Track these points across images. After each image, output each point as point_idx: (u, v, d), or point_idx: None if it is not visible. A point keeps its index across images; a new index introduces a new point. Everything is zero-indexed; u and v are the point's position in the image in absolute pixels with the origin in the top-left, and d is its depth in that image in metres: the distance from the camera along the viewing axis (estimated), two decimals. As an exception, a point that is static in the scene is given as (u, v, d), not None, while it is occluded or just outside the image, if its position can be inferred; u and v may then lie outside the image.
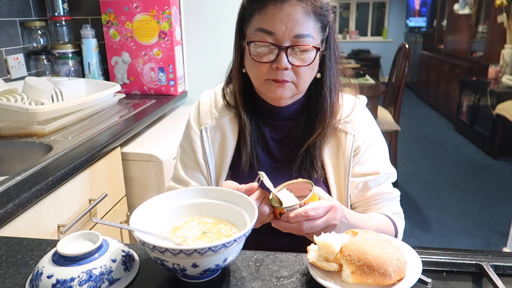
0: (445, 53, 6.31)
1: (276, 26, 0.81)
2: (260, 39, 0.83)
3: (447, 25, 6.47)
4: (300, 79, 0.86)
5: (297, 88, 0.88)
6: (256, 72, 0.87)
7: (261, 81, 0.88)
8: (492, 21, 4.66)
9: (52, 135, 1.38)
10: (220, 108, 0.99)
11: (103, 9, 2.00)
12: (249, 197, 0.71)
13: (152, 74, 2.05)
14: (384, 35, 8.88)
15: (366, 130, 0.96)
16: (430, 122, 5.73)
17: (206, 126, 0.99)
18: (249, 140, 0.95)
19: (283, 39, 0.82)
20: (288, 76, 0.85)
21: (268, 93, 0.88)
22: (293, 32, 0.81)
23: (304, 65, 0.84)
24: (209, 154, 0.98)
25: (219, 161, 0.98)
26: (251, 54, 0.85)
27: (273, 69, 0.84)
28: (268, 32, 0.82)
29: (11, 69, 1.82)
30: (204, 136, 0.98)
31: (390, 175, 0.98)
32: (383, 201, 0.97)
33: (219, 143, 0.98)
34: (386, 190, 0.97)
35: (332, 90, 0.92)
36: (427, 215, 3.06)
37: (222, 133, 0.98)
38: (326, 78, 0.91)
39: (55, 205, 1.12)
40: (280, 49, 0.82)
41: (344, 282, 0.62)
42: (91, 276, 0.61)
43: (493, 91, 4.15)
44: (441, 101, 6.04)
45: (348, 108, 0.96)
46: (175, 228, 0.72)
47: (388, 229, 0.93)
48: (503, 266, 0.68)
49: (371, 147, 0.96)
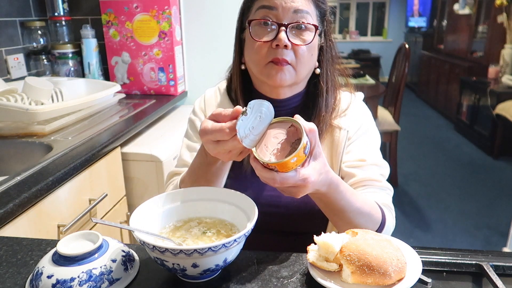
0: (445, 53, 6.31)
1: (276, 1, 0.84)
2: (262, 16, 0.85)
3: (447, 25, 6.47)
4: (299, 60, 0.86)
5: (296, 72, 0.87)
6: (257, 56, 0.87)
7: (262, 67, 0.87)
8: (492, 21, 4.66)
9: (52, 135, 1.38)
10: (224, 106, 0.99)
11: (103, 9, 2.00)
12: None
13: (152, 74, 2.05)
14: (384, 35, 8.88)
15: (359, 122, 0.95)
16: (430, 122, 5.73)
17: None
18: None
19: (283, 15, 0.84)
20: (288, 55, 0.85)
21: (268, 79, 0.87)
22: (293, 7, 0.83)
23: (303, 44, 0.85)
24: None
25: None
26: (252, 34, 0.86)
27: (273, 48, 0.85)
28: (268, 7, 0.84)
29: (11, 69, 1.82)
30: None
31: (378, 166, 0.92)
32: (372, 188, 0.89)
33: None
34: (374, 177, 0.90)
35: (329, 86, 0.93)
36: (427, 215, 3.07)
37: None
38: (323, 73, 0.93)
39: (55, 205, 1.12)
40: (280, 26, 0.84)
41: (344, 282, 0.62)
42: (91, 276, 0.61)
43: (493, 91, 4.15)
44: (441, 101, 6.04)
45: (344, 105, 0.97)
46: (175, 228, 0.72)
47: (373, 212, 0.82)
48: (503, 266, 0.68)
49: (361, 137, 0.95)
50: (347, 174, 0.92)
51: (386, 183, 0.92)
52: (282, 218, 0.93)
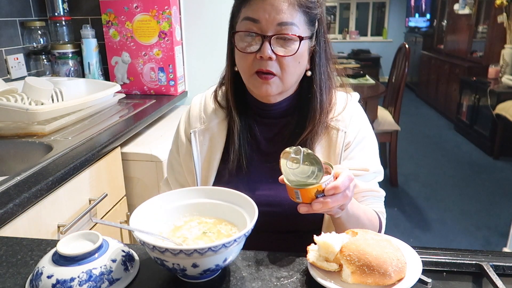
0: (445, 53, 6.31)
1: (259, 14, 0.83)
2: (246, 28, 0.85)
3: (447, 25, 6.46)
4: (285, 71, 0.86)
5: (283, 82, 0.87)
6: (243, 65, 0.88)
7: (248, 76, 0.88)
8: (492, 21, 4.66)
9: (52, 135, 1.38)
10: (209, 112, 1.00)
11: (103, 9, 2.00)
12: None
13: (152, 74, 2.05)
14: (384, 35, 8.87)
15: (358, 126, 0.95)
16: (430, 122, 5.73)
17: (195, 130, 1.00)
18: (237, 138, 0.95)
19: (266, 27, 0.83)
20: (273, 67, 0.85)
21: (254, 89, 0.89)
22: (276, 20, 0.82)
23: (288, 55, 0.84)
24: (196, 158, 0.99)
25: (206, 164, 0.99)
26: (237, 45, 0.87)
27: (257, 59, 0.85)
28: (252, 19, 0.84)
29: (11, 69, 1.82)
30: (192, 140, 0.99)
31: (377, 174, 0.97)
32: (370, 199, 0.96)
33: (207, 147, 0.99)
34: (375, 188, 0.96)
35: (323, 88, 0.92)
36: (427, 215, 3.06)
37: (210, 136, 0.99)
38: (316, 76, 0.91)
39: (55, 205, 1.12)
40: (264, 38, 0.83)
41: (344, 282, 0.62)
42: (91, 276, 0.61)
43: (493, 91, 4.15)
44: (441, 101, 6.04)
45: (340, 106, 0.96)
46: (175, 228, 0.72)
47: (374, 222, 0.92)
48: (503, 266, 0.68)
49: (361, 143, 0.96)
50: None
51: (381, 191, 0.99)
52: (278, 217, 0.93)
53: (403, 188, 3.50)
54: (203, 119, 1.00)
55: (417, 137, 4.99)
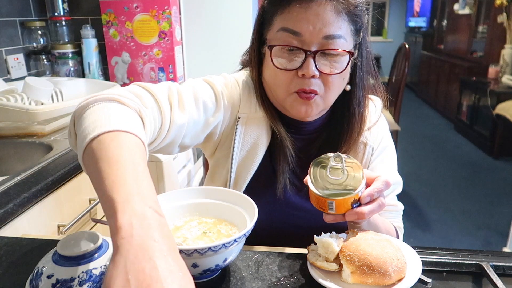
0: (445, 53, 6.31)
1: (302, 26, 0.71)
2: (284, 41, 0.73)
3: (447, 25, 6.47)
4: (329, 89, 0.76)
5: (325, 101, 0.78)
6: (280, 83, 0.76)
7: (285, 95, 0.77)
8: (492, 21, 4.66)
9: (52, 135, 1.38)
10: (257, 103, 0.86)
11: (103, 9, 2.00)
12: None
13: (152, 74, 2.05)
14: (384, 35, 8.87)
15: (380, 135, 0.90)
16: (430, 122, 5.73)
17: (245, 115, 0.83)
18: (289, 159, 0.84)
19: (310, 42, 0.72)
20: (316, 85, 0.74)
21: (292, 110, 0.78)
22: (322, 32, 0.71)
23: (335, 73, 0.74)
24: (237, 147, 0.84)
25: (244, 161, 0.85)
26: (273, 61, 0.74)
27: (298, 77, 0.74)
28: (292, 32, 0.72)
29: (11, 69, 1.82)
30: (238, 124, 0.83)
31: (396, 185, 0.92)
32: (387, 213, 0.91)
33: (252, 141, 0.85)
34: (392, 203, 0.91)
35: (361, 104, 0.83)
36: (427, 215, 3.06)
37: (257, 130, 0.85)
38: (356, 91, 0.81)
39: (55, 205, 1.12)
40: (307, 53, 0.72)
41: (344, 282, 0.62)
42: (91, 276, 0.61)
43: (493, 91, 4.15)
44: (441, 101, 6.04)
45: (370, 119, 0.88)
46: (175, 228, 0.72)
47: (392, 234, 0.87)
48: (503, 266, 0.68)
49: (382, 153, 0.90)
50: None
51: (399, 205, 0.94)
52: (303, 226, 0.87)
53: (403, 188, 3.47)
54: (256, 107, 0.84)
55: (417, 137, 4.99)
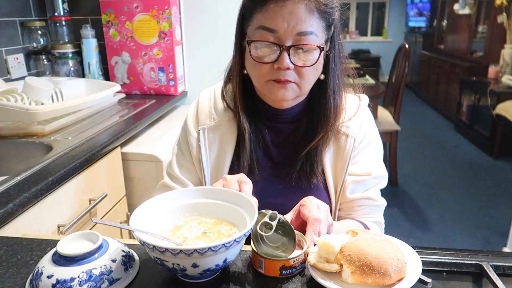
0: (445, 53, 6.31)
1: (277, 23, 0.78)
2: (261, 37, 0.81)
3: (447, 25, 6.47)
4: (303, 79, 0.83)
5: (300, 89, 0.85)
6: (257, 73, 0.84)
7: (263, 83, 0.85)
8: (492, 21, 4.66)
9: (52, 135, 1.38)
10: (219, 109, 0.97)
11: (103, 9, 2.00)
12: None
13: (152, 74, 2.05)
14: (384, 35, 8.87)
15: (365, 130, 0.94)
16: (430, 122, 5.73)
17: (204, 127, 0.96)
18: (249, 144, 0.92)
19: (285, 37, 0.79)
20: (290, 76, 0.82)
21: (270, 94, 0.86)
22: (296, 29, 0.78)
23: (307, 66, 0.81)
24: (204, 157, 0.95)
25: (216, 165, 0.96)
26: (252, 54, 0.82)
27: (274, 69, 0.81)
28: (269, 29, 0.79)
29: (11, 69, 1.82)
30: (201, 137, 0.95)
31: (380, 179, 0.95)
32: (366, 208, 0.95)
33: (217, 146, 0.96)
34: (372, 197, 0.94)
35: (336, 92, 0.89)
36: (427, 215, 3.06)
37: (220, 136, 0.96)
38: (330, 80, 0.88)
39: (55, 205, 1.12)
40: (282, 48, 0.79)
41: (344, 282, 0.62)
42: (91, 276, 0.61)
43: (493, 91, 4.14)
44: (441, 101, 6.04)
45: (351, 110, 0.94)
46: (175, 228, 0.72)
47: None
48: (503, 266, 0.68)
49: (367, 147, 0.94)
50: (349, 188, 0.93)
51: (381, 200, 0.96)
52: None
53: (403, 188, 3.50)
54: (213, 115, 0.96)
55: (417, 137, 4.99)
